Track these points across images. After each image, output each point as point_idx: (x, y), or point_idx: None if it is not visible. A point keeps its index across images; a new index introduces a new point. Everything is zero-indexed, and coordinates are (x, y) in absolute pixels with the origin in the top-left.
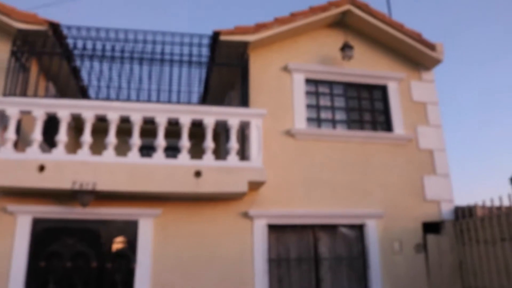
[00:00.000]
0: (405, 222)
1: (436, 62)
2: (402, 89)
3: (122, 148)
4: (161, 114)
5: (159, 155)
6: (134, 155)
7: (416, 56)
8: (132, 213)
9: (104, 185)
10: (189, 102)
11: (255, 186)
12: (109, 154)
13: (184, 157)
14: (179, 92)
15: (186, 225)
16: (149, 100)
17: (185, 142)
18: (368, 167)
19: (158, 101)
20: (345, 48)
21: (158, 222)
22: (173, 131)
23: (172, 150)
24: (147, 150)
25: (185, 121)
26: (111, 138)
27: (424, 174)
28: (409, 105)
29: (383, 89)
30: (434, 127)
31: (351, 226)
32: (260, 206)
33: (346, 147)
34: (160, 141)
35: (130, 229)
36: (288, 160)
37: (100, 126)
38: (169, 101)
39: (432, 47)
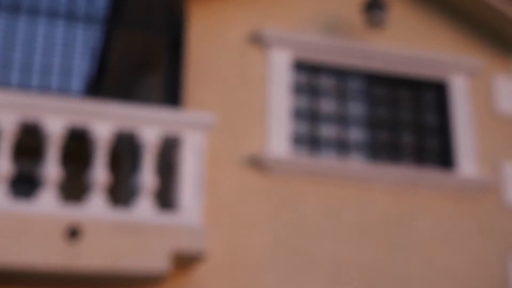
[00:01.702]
0: None
1: None
2: (476, 89)
3: None
4: (6, 112)
5: None
6: None
7: (504, 28)
8: None
9: None
10: (65, 91)
11: (185, 261)
12: None
13: (48, 200)
14: (46, 72)
15: None
16: None
17: (51, 169)
18: (407, 237)
19: (3, 83)
20: (373, 7)
21: None
22: (31, 148)
23: (26, 184)
24: None
25: (54, 129)
26: None
27: (510, 254)
28: (489, 120)
29: (439, 89)
30: None
31: None
32: None
33: (366, 197)
34: (1, 166)
35: None
36: (252, 214)
37: None
38: (25, 86)
39: None
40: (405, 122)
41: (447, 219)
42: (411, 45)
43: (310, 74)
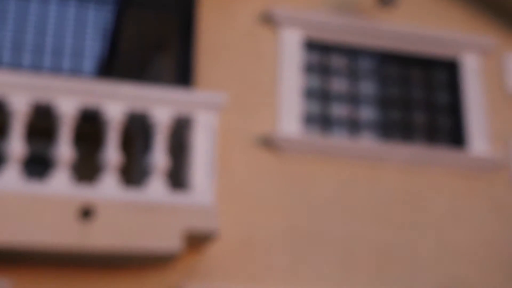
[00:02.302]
0: None
1: None
2: (488, 68)
3: None
4: (18, 93)
5: (10, 174)
6: None
7: None
8: None
9: None
10: (76, 72)
11: (198, 241)
12: None
13: (61, 180)
14: (57, 53)
15: None
16: None
17: (64, 150)
18: (419, 216)
19: (15, 65)
20: None
21: None
22: (43, 129)
23: (39, 165)
24: None
25: (67, 110)
26: None
27: None
28: (501, 99)
29: (451, 68)
30: None
31: None
32: (207, 279)
33: (377, 176)
34: (14, 147)
35: None
36: (264, 194)
37: None
38: (37, 67)
39: None
40: (417, 100)
41: (459, 198)
42: (422, 24)
43: (321, 54)
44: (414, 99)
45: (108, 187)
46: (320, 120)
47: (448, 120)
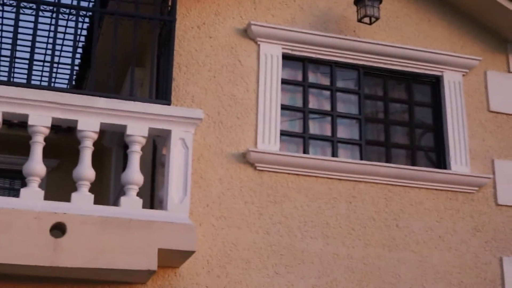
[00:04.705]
0: None
1: None
2: (470, 86)
3: None
4: None
5: None
6: None
7: (499, 22)
8: None
9: None
10: (50, 85)
11: (174, 259)
12: None
13: (31, 195)
14: (30, 64)
15: None
16: None
17: (36, 164)
18: (397, 235)
19: None
20: (365, 0)
21: None
22: (14, 142)
23: (8, 178)
24: None
25: (38, 122)
26: None
27: (505, 254)
28: (482, 118)
29: (433, 85)
30: None
31: None
32: None
33: (356, 193)
34: None
35: None
36: (241, 211)
37: None
38: (8, 81)
39: None
40: (397, 118)
41: (440, 217)
42: (404, 41)
43: (301, 69)
44: (395, 116)
45: (80, 202)
46: (297, 138)
47: (430, 138)
